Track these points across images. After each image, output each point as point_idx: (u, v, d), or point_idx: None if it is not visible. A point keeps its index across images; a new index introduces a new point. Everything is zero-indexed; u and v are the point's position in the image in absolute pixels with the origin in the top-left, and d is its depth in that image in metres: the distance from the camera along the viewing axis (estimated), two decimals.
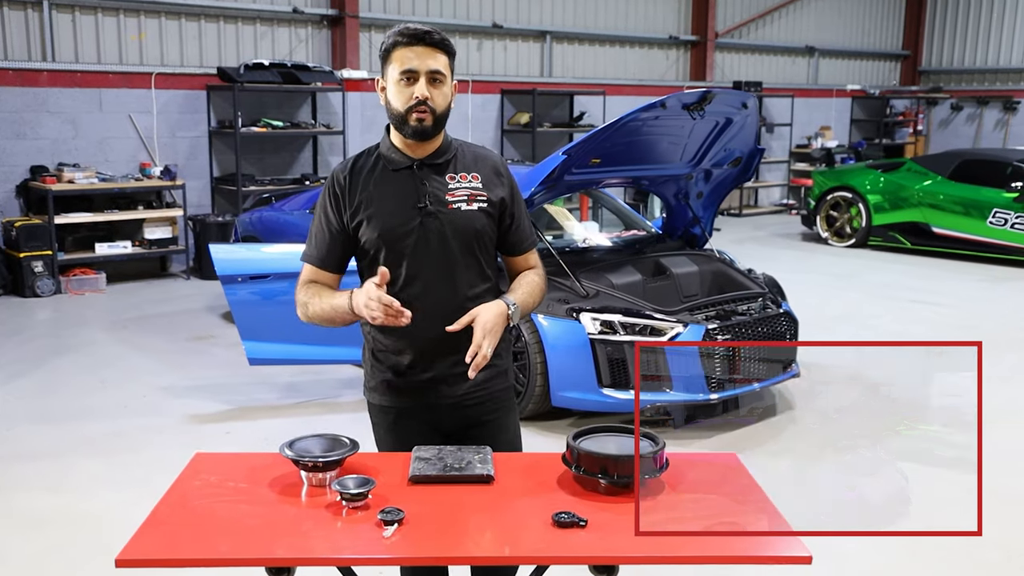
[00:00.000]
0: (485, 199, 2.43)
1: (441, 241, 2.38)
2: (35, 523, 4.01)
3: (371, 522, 1.90)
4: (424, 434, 2.43)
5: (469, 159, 2.48)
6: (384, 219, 2.38)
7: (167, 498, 2.03)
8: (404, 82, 2.32)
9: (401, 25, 2.36)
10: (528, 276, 2.52)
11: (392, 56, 2.34)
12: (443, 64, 2.35)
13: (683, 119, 5.22)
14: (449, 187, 2.42)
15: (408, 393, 2.45)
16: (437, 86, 2.34)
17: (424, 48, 2.32)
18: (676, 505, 2.01)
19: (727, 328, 5.05)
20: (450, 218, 2.39)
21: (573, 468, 2.09)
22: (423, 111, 2.31)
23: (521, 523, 1.91)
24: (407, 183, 2.41)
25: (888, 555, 3.82)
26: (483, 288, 2.46)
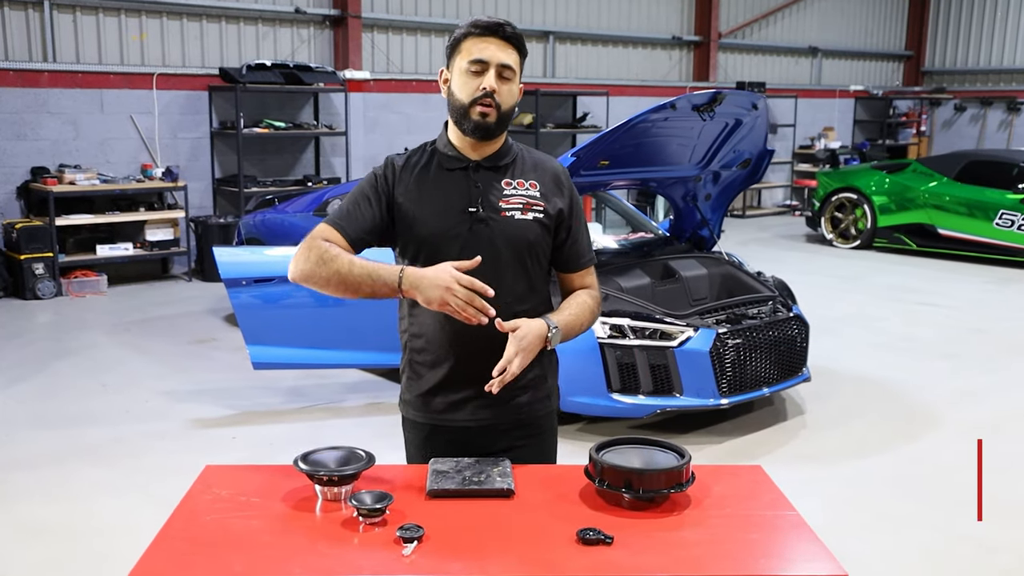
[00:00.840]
0: (541, 209, 2.29)
1: (490, 250, 2.23)
2: (36, 532, 3.94)
3: (390, 539, 1.84)
4: (455, 455, 2.26)
5: (529, 165, 2.35)
6: (432, 220, 2.25)
7: (177, 513, 1.96)
8: (472, 73, 2.20)
9: (473, 17, 2.27)
10: (579, 297, 2.36)
11: (462, 46, 2.23)
12: (514, 60, 2.23)
13: (692, 120, 5.15)
14: (504, 193, 2.28)
15: (443, 410, 2.32)
16: (505, 82, 2.22)
17: (497, 41, 2.21)
18: (703, 521, 1.94)
19: (738, 332, 4.98)
20: (502, 226, 2.25)
21: (596, 482, 2.02)
22: (488, 104, 2.19)
23: (545, 540, 1.84)
24: (460, 184, 2.27)
25: (903, 560, 3.75)
26: (532, 304, 2.31)
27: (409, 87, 11.08)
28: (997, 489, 4.47)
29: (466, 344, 2.23)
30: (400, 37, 11.26)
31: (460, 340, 2.23)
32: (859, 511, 4.22)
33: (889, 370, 6.35)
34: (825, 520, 4.01)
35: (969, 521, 4.11)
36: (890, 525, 4.09)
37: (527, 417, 2.36)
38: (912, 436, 5.20)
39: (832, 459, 4.84)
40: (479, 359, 2.21)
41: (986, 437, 5.12)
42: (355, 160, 10.58)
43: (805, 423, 5.35)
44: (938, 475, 4.65)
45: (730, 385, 4.95)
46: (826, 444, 5.04)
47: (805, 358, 5.41)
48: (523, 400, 2.33)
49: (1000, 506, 4.29)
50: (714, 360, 4.87)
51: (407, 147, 11.40)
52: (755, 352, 5.04)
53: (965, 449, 5.00)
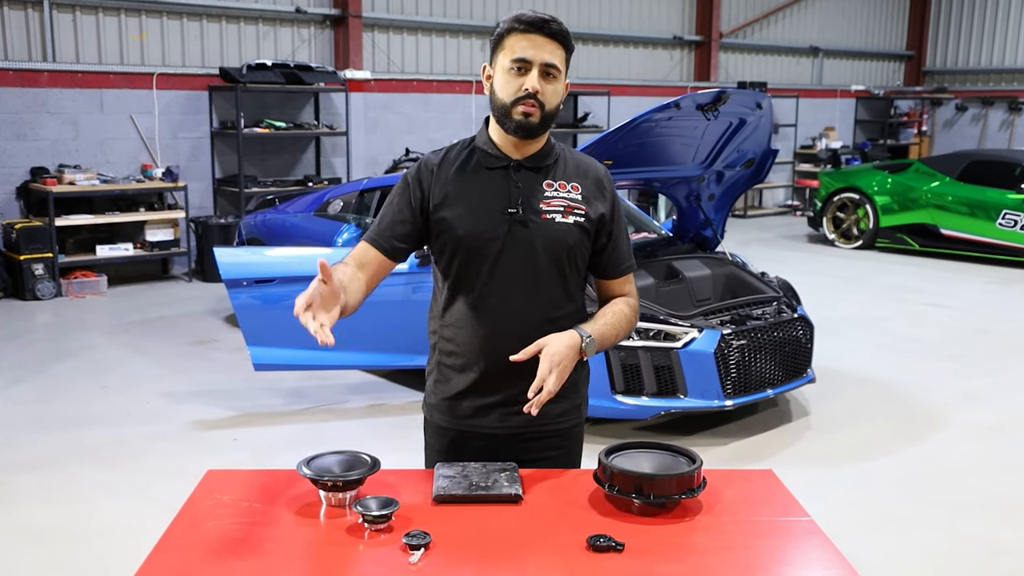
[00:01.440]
0: (583, 213, 2.21)
1: (528, 253, 2.17)
2: (36, 536, 3.90)
3: (395, 545, 1.80)
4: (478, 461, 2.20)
5: (571, 167, 2.26)
6: (469, 220, 2.17)
7: (179, 519, 1.93)
8: (515, 71, 2.11)
9: (518, 11, 2.16)
10: (616, 306, 2.28)
11: (505, 43, 2.14)
12: (559, 58, 2.14)
13: (696, 120, 5.12)
14: (545, 195, 2.20)
15: (470, 415, 2.25)
16: (550, 80, 2.13)
17: (542, 38, 2.11)
18: (716, 527, 1.91)
19: (743, 333, 4.95)
20: (542, 229, 2.17)
21: (606, 487, 1.98)
22: (531, 105, 2.11)
23: (554, 547, 1.80)
24: (500, 184, 2.19)
25: (908, 561, 3.72)
26: (567, 311, 2.24)
27: (410, 87, 11.04)
28: (1003, 490, 4.45)
29: (499, 349, 2.15)
30: (401, 37, 11.22)
31: (493, 345, 2.16)
32: (865, 513, 4.19)
33: (893, 371, 6.32)
34: (830, 522, 3.95)
35: (975, 523, 4.09)
36: (896, 527, 4.05)
37: (557, 427, 2.29)
38: (917, 437, 5.16)
39: (837, 461, 4.80)
40: (511, 365, 2.13)
41: (992, 438, 5.14)
42: (356, 160, 10.54)
43: (810, 424, 5.32)
44: (944, 476, 4.61)
45: (735, 386, 4.91)
46: (831, 446, 5.01)
47: (810, 359, 5.37)
48: (555, 410, 2.24)
49: (1006, 507, 4.26)
50: (719, 361, 4.83)
51: (408, 147, 11.37)
52: (760, 353, 5.01)
53: (971, 450, 4.98)
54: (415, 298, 5.30)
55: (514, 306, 2.18)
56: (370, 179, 7.16)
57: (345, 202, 6.72)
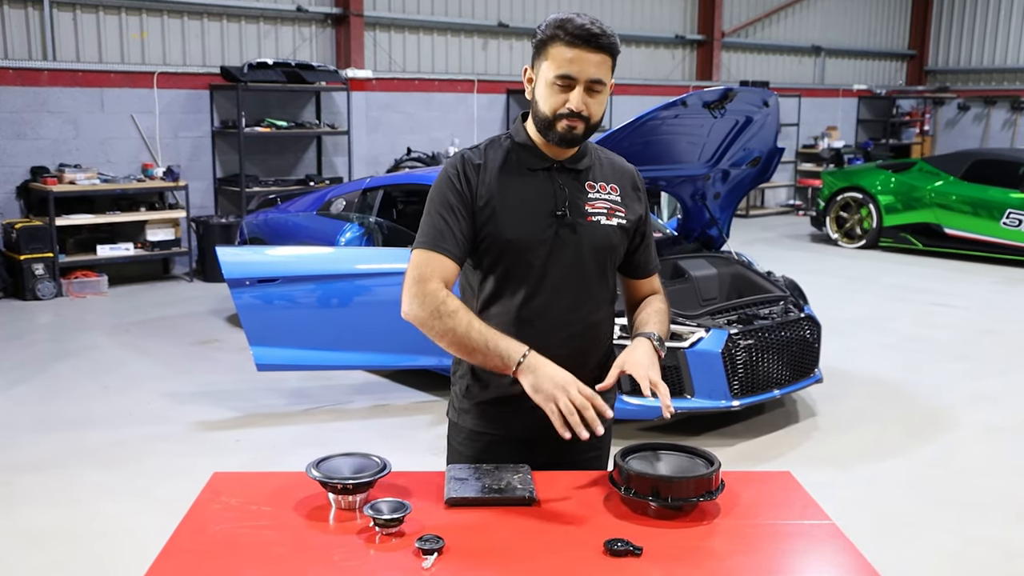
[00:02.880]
0: (623, 215, 2.19)
1: (575, 255, 2.13)
2: (37, 537, 3.85)
3: (408, 549, 1.75)
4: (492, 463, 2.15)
5: (608, 168, 2.23)
6: (517, 222, 2.10)
7: (185, 523, 1.88)
8: (559, 87, 2.03)
9: (563, 16, 2.02)
10: (654, 304, 2.27)
11: (548, 52, 2.03)
12: (606, 71, 2.03)
13: (703, 118, 5.08)
14: (589, 197, 2.16)
15: (508, 420, 2.19)
16: (595, 95, 2.04)
17: (589, 51, 1.99)
18: (735, 530, 1.86)
19: (750, 333, 4.90)
20: (588, 231, 2.14)
21: (622, 490, 1.94)
22: (575, 120, 2.04)
23: (571, 552, 1.76)
24: (544, 186, 2.13)
25: (920, 564, 3.68)
26: (606, 313, 2.24)
27: (412, 86, 11.00)
28: (1015, 492, 4.41)
29: (544, 349, 2.05)
30: (403, 36, 11.18)
31: (538, 344, 2.06)
32: (874, 514, 4.15)
33: (901, 371, 6.28)
34: (840, 524, 3.93)
35: (987, 525, 4.04)
36: (906, 529, 4.01)
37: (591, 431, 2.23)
38: (927, 438, 5.12)
39: (846, 462, 4.76)
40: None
41: (1002, 439, 5.09)
42: (357, 160, 10.50)
43: (817, 425, 5.27)
44: (954, 478, 4.57)
45: (742, 386, 4.87)
46: (839, 446, 4.96)
47: (817, 359, 5.33)
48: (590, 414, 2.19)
49: (1019, 509, 4.21)
50: (726, 361, 4.79)
51: (409, 147, 11.34)
52: (767, 353, 4.96)
53: (981, 452, 4.93)
54: None
55: (559, 309, 2.14)
56: (372, 178, 7.11)
57: (347, 201, 6.67)
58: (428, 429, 5.09)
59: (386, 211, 6.56)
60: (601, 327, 2.23)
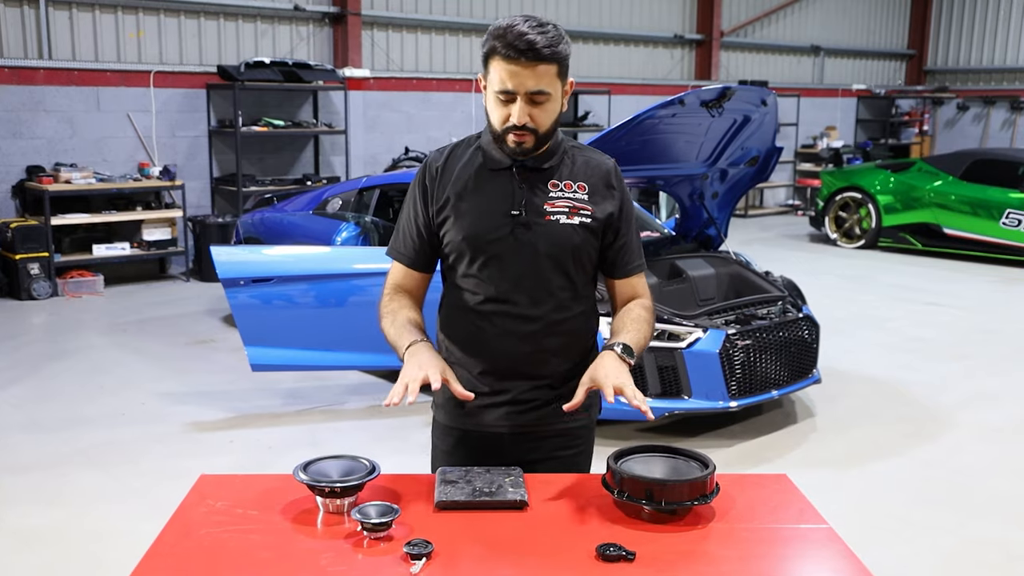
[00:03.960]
0: (589, 213, 2.15)
1: (532, 255, 2.12)
2: (29, 539, 3.82)
3: (396, 554, 1.72)
4: (485, 463, 2.17)
5: (579, 166, 2.19)
6: (471, 222, 2.13)
7: (170, 527, 1.85)
8: (501, 101, 2.03)
9: (505, 24, 1.99)
10: (633, 311, 2.21)
11: (490, 64, 2.03)
12: (548, 80, 2.01)
13: (701, 116, 5.04)
14: (550, 196, 2.14)
15: (476, 413, 2.21)
16: (539, 106, 2.03)
17: (526, 65, 1.97)
18: (730, 535, 1.83)
19: (748, 333, 4.87)
20: (545, 230, 2.12)
21: (615, 493, 1.90)
22: (522, 134, 2.04)
23: (562, 556, 1.72)
24: (503, 186, 2.14)
25: (919, 565, 3.65)
26: (574, 312, 2.20)
27: (409, 85, 10.96)
28: (1015, 492, 4.38)
29: (503, 350, 2.12)
30: (400, 35, 11.14)
31: (497, 346, 2.12)
32: (874, 516, 4.11)
33: (900, 371, 6.25)
34: (839, 525, 3.89)
35: (988, 526, 4.01)
36: (906, 530, 3.98)
37: (565, 426, 2.24)
38: (926, 439, 5.09)
39: (844, 462, 4.73)
40: (516, 362, 2.15)
41: (1002, 440, 5.06)
42: (355, 159, 10.47)
43: (815, 426, 5.24)
44: (954, 478, 4.54)
45: (740, 387, 4.84)
46: (838, 447, 4.93)
47: (816, 359, 5.30)
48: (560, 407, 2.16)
49: (1020, 510, 4.19)
50: (723, 361, 4.76)
51: (407, 146, 11.29)
52: (765, 353, 4.93)
53: (981, 452, 4.90)
54: None
55: (518, 308, 2.14)
56: (369, 177, 7.09)
57: (344, 200, 6.65)
58: (422, 430, 5.05)
59: (382, 210, 6.52)
60: (566, 327, 2.18)
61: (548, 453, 2.23)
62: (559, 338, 2.20)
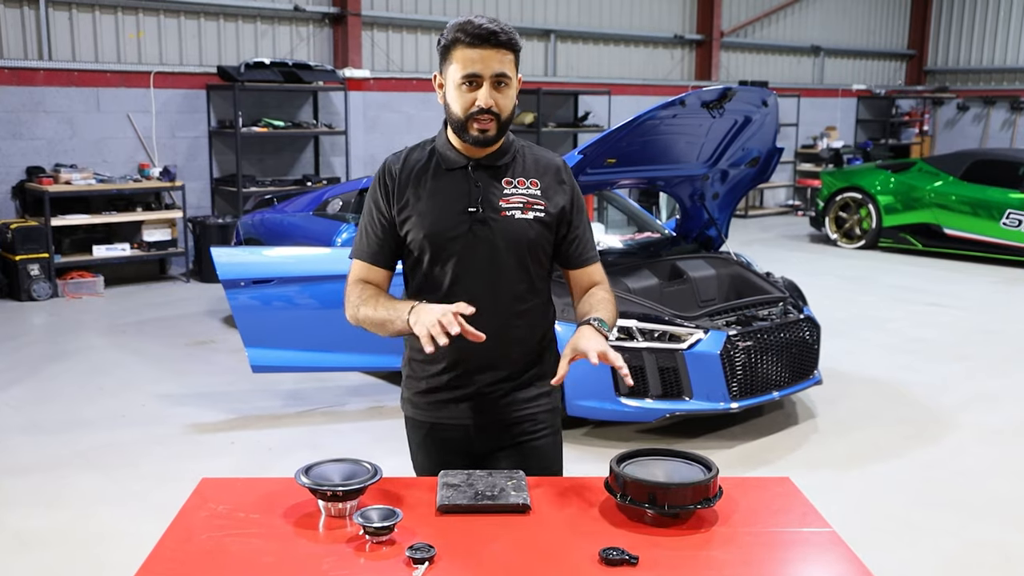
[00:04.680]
0: (542, 208, 2.25)
1: (490, 249, 2.21)
2: (29, 542, 3.81)
3: (398, 558, 1.72)
4: (455, 452, 2.29)
5: (530, 163, 2.30)
6: (431, 220, 2.21)
7: (172, 530, 1.84)
8: (466, 87, 2.13)
9: (463, 19, 2.13)
10: (596, 295, 2.30)
11: (452, 55, 2.13)
12: (509, 65, 2.14)
13: (701, 117, 5.04)
14: (504, 192, 2.24)
15: (442, 407, 2.30)
16: (502, 90, 2.14)
17: (489, 49, 2.10)
18: (733, 538, 1.83)
19: (749, 334, 4.86)
20: (501, 226, 2.22)
21: (618, 497, 1.90)
22: (487, 119, 2.13)
23: (565, 561, 1.72)
24: (459, 184, 2.23)
25: (921, 567, 3.64)
26: (531, 303, 2.30)
27: (409, 86, 10.96)
28: (1017, 494, 4.37)
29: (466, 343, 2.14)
30: (400, 35, 11.14)
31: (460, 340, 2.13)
32: (875, 517, 4.11)
33: (901, 372, 6.24)
34: (839, 527, 3.89)
35: (989, 527, 4.00)
36: (907, 532, 3.97)
37: (528, 414, 2.31)
38: (927, 440, 5.08)
39: (846, 464, 4.72)
40: (479, 357, 2.22)
41: (1004, 441, 5.05)
42: (355, 159, 10.46)
43: (817, 427, 5.24)
44: (955, 480, 4.53)
45: (741, 388, 4.83)
46: (839, 449, 4.93)
47: (816, 360, 5.29)
48: (521, 396, 2.30)
49: (1021, 512, 4.18)
50: (724, 363, 4.75)
51: (407, 145, 11.39)
52: (766, 354, 4.92)
53: (983, 453, 4.90)
54: None
55: (479, 302, 2.17)
56: (369, 178, 7.08)
57: (344, 201, 6.64)
58: None
59: None
60: (527, 317, 2.28)
61: (514, 440, 2.30)
62: (519, 330, 2.29)
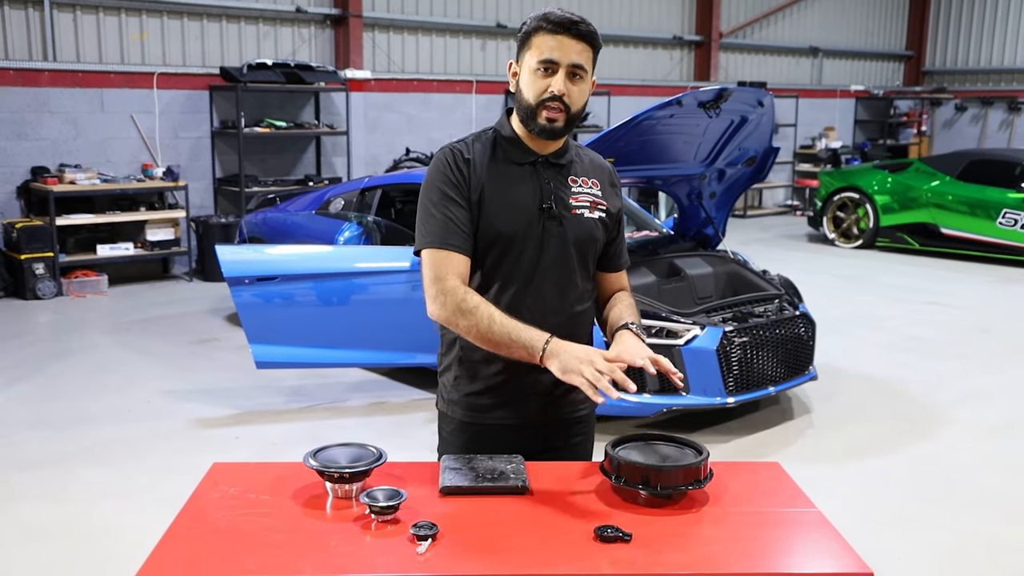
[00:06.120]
0: (604, 208, 2.27)
1: (561, 247, 2.20)
2: (38, 535, 3.89)
3: (403, 536, 1.80)
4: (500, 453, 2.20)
5: (587, 164, 2.31)
6: (506, 215, 2.16)
7: (185, 511, 1.92)
8: (541, 72, 2.11)
9: (546, 9, 2.14)
10: (624, 300, 2.35)
11: (532, 42, 2.13)
12: (587, 59, 2.13)
13: (698, 117, 5.12)
14: (572, 191, 2.24)
15: (494, 409, 2.26)
16: (577, 82, 2.13)
17: (570, 38, 2.09)
18: (723, 517, 1.91)
19: (745, 330, 4.94)
20: (573, 224, 2.21)
21: (613, 479, 1.98)
22: (556, 108, 2.11)
23: (561, 537, 1.80)
24: (529, 180, 2.20)
25: (914, 560, 3.72)
26: (587, 304, 2.31)
27: (410, 87, 11.04)
28: (1009, 488, 4.45)
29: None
30: (401, 36, 11.22)
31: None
32: (869, 511, 4.19)
33: (896, 369, 6.32)
34: (834, 519, 3.96)
35: (981, 520, 4.08)
36: (901, 524, 4.05)
37: (579, 414, 2.34)
38: (921, 435, 5.16)
39: (840, 458, 4.80)
40: None
41: (997, 437, 5.13)
42: (356, 160, 10.54)
43: (812, 422, 5.31)
44: (949, 474, 4.61)
45: (737, 384, 4.91)
46: (833, 443, 5.01)
47: (812, 356, 5.37)
48: (579, 396, 2.29)
49: (1012, 505, 4.26)
50: (721, 358, 4.83)
51: (408, 147, 11.36)
52: (762, 350, 5.01)
53: (976, 448, 4.97)
54: (416, 296, 5.30)
55: (546, 300, 2.20)
56: (371, 177, 7.16)
57: (346, 201, 6.72)
58: (425, 426, 5.13)
59: (384, 210, 6.60)
60: (583, 317, 2.30)
61: (565, 441, 2.32)
62: (581, 327, 2.30)
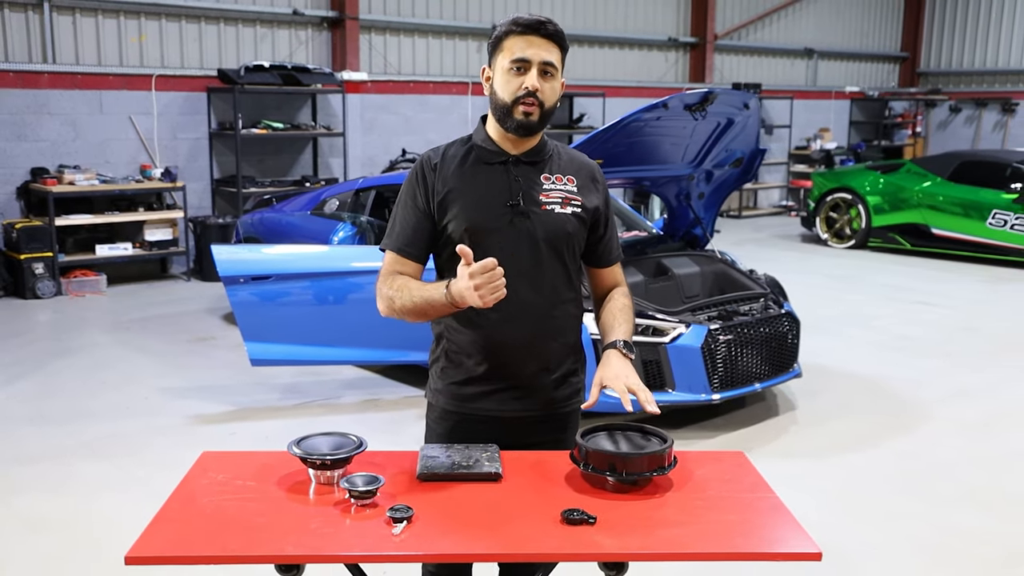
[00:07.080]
0: (579, 204, 2.33)
1: (531, 242, 2.28)
2: (37, 527, 3.99)
3: (380, 519, 1.90)
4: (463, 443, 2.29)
5: (565, 161, 2.39)
6: (472, 212, 2.26)
7: (175, 496, 2.03)
8: (514, 72, 2.22)
9: (515, 14, 2.26)
10: (618, 301, 2.43)
11: (503, 45, 2.24)
12: (556, 57, 2.24)
13: (685, 120, 5.22)
14: (544, 187, 2.31)
15: (476, 400, 2.35)
16: (548, 79, 2.24)
17: (539, 38, 2.22)
18: (684, 502, 2.01)
19: (729, 328, 5.04)
20: (542, 219, 2.29)
21: (582, 466, 2.08)
22: (531, 104, 2.22)
23: (530, 520, 1.90)
24: (500, 178, 2.30)
25: (894, 552, 3.82)
26: (568, 298, 2.37)
27: (406, 88, 11.15)
28: (989, 483, 4.55)
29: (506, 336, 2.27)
30: (397, 39, 11.32)
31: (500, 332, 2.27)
32: (850, 505, 4.28)
33: (882, 367, 6.42)
34: (817, 515, 4.08)
35: (962, 515, 4.17)
36: (882, 518, 4.14)
37: (558, 411, 2.41)
38: (904, 432, 5.26)
39: (823, 454, 4.90)
40: (518, 351, 2.29)
41: (978, 433, 5.23)
42: (353, 161, 10.65)
43: (796, 419, 5.41)
44: (930, 470, 4.70)
45: (721, 381, 5.01)
46: (817, 439, 5.10)
47: (796, 354, 5.47)
48: (557, 394, 2.38)
49: (992, 499, 4.35)
50: (706, 356, 4.93)
51: (404, 148, 11.43)
52: (746, 348, 5.10)
53: (958, 445, 5.07)
54: None
55: (520, 295, 2.26)
56: (365, 178, 7.26)
57: (341, 201, 6.82)
58: (416, 423, 5.23)
59: (378, 211, 6.70)
60: (565, 311, 2.36)
61: (545, 436, 2.37)
62: (557, 322, 2.35)
